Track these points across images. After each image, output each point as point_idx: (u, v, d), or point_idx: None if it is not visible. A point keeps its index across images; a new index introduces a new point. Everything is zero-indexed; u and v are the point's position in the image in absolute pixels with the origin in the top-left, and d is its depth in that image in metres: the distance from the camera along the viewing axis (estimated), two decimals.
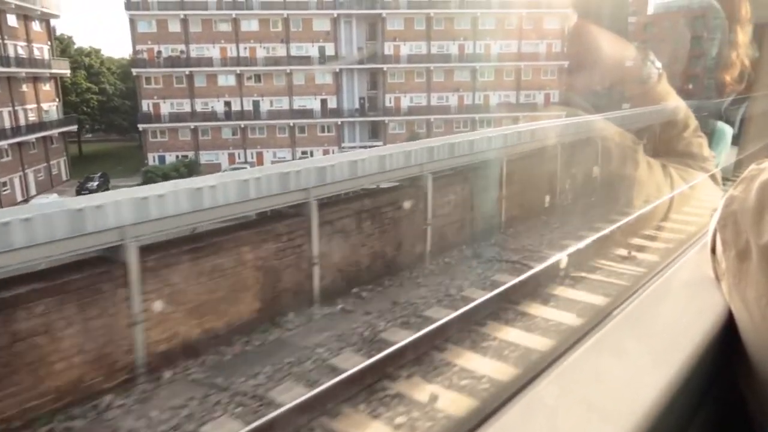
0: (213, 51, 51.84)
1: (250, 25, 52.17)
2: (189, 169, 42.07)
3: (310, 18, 52.64)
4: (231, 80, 52.52)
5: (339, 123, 54.38)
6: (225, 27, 51.73)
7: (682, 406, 0.83)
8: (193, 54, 51.64)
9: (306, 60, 53.05)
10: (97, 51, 65.93)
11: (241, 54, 52.15)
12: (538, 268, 11.22)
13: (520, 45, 55.86)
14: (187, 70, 51.29)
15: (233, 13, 51.02)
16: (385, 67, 53.93)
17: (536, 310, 9.45)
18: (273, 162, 53.13)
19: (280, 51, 52.75)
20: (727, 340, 0.98)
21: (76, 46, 64.03)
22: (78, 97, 57.01)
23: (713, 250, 1.09)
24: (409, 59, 54.33)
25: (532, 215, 16.94)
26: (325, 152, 54.28)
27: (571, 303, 9.41)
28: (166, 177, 40.98)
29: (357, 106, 55.47)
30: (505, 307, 9.56)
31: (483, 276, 12.29)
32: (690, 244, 1.37)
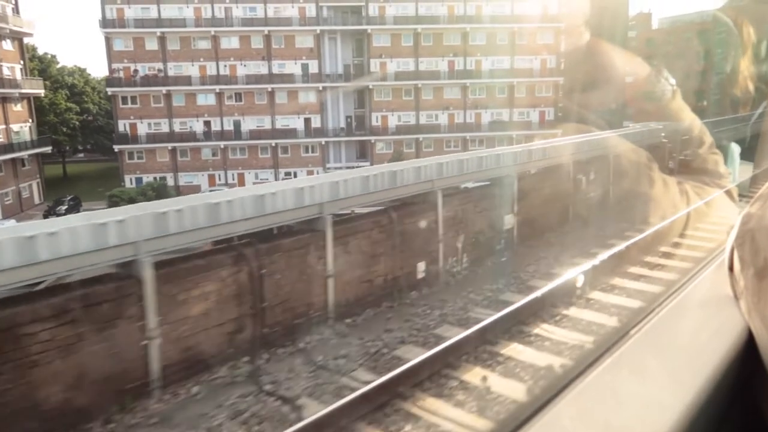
0: (192, 69, 50.04)
1: (230, 43, 50.37)
2: (158, 192, 39.88)
3: (292, 34, 50.76)
4: (211, 99, 50.61)
5: (323, 143, 52.16)
6: (204, 44, 49.96)
7: (702, 428, 0.83)
8: (171, 72, 49.86)
9: (288, 78, 51.06)
10: (82, 70, 64.59)
11: (221, 72, 50.31)
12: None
13: (512, 61, 53.52)
14: (164, 89, 49.47)
15: (212, 30, 49.27)
16: (370, 84, 51.77)
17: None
18: (254, 183, 50.95)
19: (262, 68, 50.84)
20: (747, 360, 0.97)
21: (59, 65, 62.71)
22: (57, 118, 55.33)
23: (731, 268, 1.09)
24: (397, 76, 52.17)
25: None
26: (310, 173, 52.09)
27: None
28: (131, 201, 38.94)
29: (342, 125, 53.29)
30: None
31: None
32: (707, 261, 1.37)
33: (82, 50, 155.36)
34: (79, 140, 61.23)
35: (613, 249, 12.45)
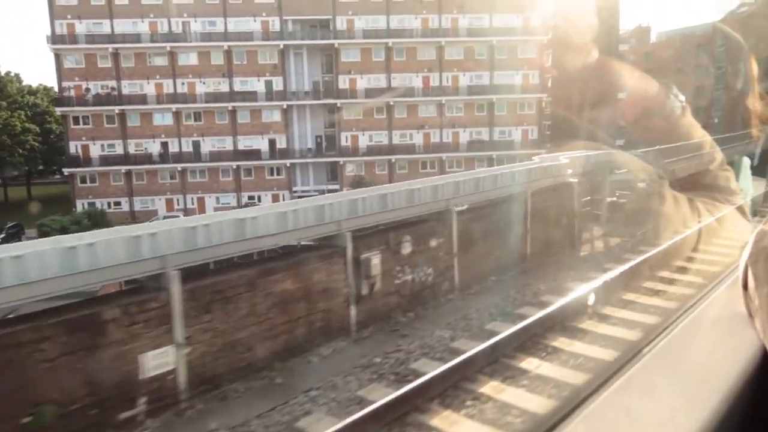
0: (147, 87, 46.95)
1: (188, 59, 47.33)
2: (93, 220, 36.43)
3: (254, 50, 47.65)
4: (168, 119, 47.45)
5: (288, 165, 48.71)
6: (160, 61, 46.92)
7: None
8: (126, 90, 46.82)
9: (251, 95, 47.86)
10: (48, 89, 61.89)
11: (179, 90, 47.19)
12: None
13: (492, 76, 50.02)
14: (118, 108, 46.40)
15: (169, 45, 46.25)
16: (338, 102, 48.41)
17: None
18: (216, 208, 47.65)
19: (223, 86, 47.70)
20: (762, 380, 0.95)
21: (23, 84, 60.13)
22: (12, 140, 52.42)
23: (745, 286, 1.08)
24: (367, 93, 48.79)
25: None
26: (275, 197, 48.67)
27: None
28: (64, 230, 35.51)
29: (310, 145, 49.88)
30: None
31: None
32: (720, 279, 1.34)
33: (46, 68, 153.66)
34: (40, 162, 58.34)
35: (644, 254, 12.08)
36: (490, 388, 7.26)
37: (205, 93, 47.35)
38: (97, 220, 36.65)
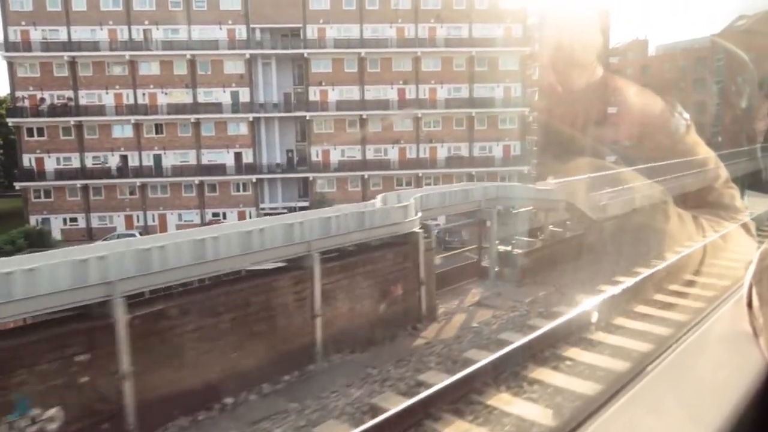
0: (106, 98, 44.45)
1: (149, 68, 44.85)
2: (30, 240, 33.75)
3: (220, 59, 45.15)
4: (128, 131, 44.92)
5: (254, 180, 46.07)
6: (120, 70, 44.44)
7: None
8: (83, 101, 44.29)
9: (216, 107, 45.33)
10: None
11: (140, 101, 44.67)
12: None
13: (471, 89, 47.47)
14: (75, 119, 43.87)
15: (128, 54, 43.75)
16: (308, 115, 45.85)
17: None
18: (178, 226, 45.02)
19: (186, 97, 45.19)
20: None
21: None
22: None
23: (749, 305, 1.06)
24: (339, 106, 46.25)
25: None
26: (241, 214, 46.06)
27: None
28: None
29: (279, 160, 47.27)
30: None
31: None
32: (725, 297, 1.32)
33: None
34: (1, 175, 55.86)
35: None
36: None
37: (168, 104, 44.82)
38: (34, 239, 33.90)
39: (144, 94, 44.63)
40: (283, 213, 39.46)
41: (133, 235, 37.73)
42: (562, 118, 49.25)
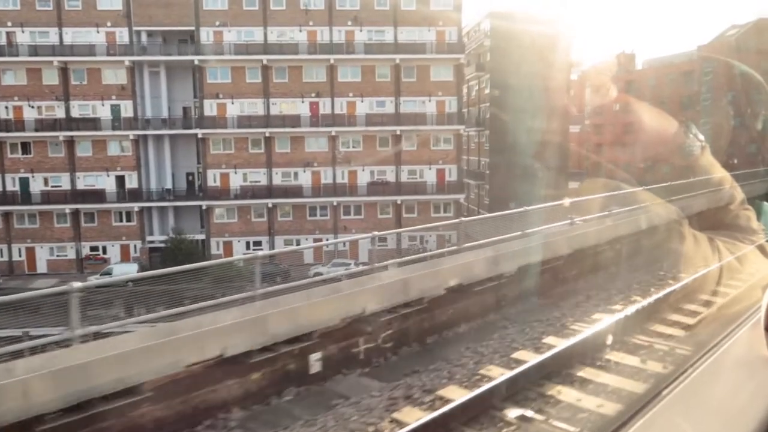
0: None
1: (14, 77, 38.37)
2: None
3: (97, 67, 38.53)
4: None
5: (136, 209, 39.11)
6: None
7: None
8: None
9: (94, 123, 38.63)
10: None
11: (2, 115, 38.11)
12: None
13: (397, 103, 40.38)
14: None
15: None
16: (200, 132, 38.97)
17: None
18: (50, 262, 38.25)
19: (58, 111, 38.57)
20: None
21: None
22: None
23: (767, 328, 1.10)
24: (239, 122, 39.34)
25: None
26: (124, 248, 39.13)
27: None
28: None
29: (170, 185, 40.32)
30: None
31: None
32: (741, 320, 1.25)
33: None
34: None
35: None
36: None
37: (35, 119, 38.24)
38: None
39: (7, 108, 38.04)
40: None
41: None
42: (512, 138, 42.26)
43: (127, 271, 32.81)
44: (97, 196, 39.05)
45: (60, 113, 38.56)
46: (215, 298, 6.54)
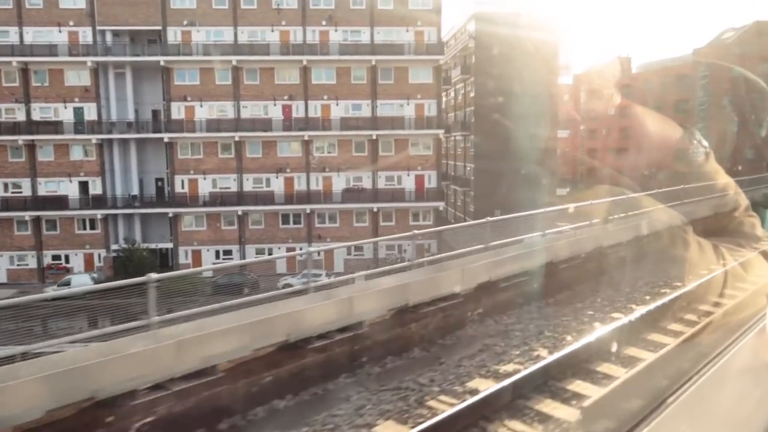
0: None
1: None
2: None
3: (59, 68, 36.89)
4: None
5: (99, 216, 37.42)
6: None
7: None
8: None
9: (55, 127, 36.97)
10: None
11: None
12: None
13: (374, 106, 38.70)
14: None
15: None
16: (166, 137, 37.29)
17: None
18: (10, 271, 36.62)
19: (18, 114, 36.92)
20: None
21: None
22: None
23: None
24: (209, 126, 37.68)
25: None
26: (87, 257, 37.45)
27: None
28: None
29: (135, 191, 38.61)
30: None
31: None
32: (746, 328, 1.30)
33: None
34: None
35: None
36: None
37: None
38: None
39: None
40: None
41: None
42: (497, 142, 40.62)
43: (84, 282, 31.15)
44: (60, 202, 37.37)
45: (20, 116, 36.92)
46: None
